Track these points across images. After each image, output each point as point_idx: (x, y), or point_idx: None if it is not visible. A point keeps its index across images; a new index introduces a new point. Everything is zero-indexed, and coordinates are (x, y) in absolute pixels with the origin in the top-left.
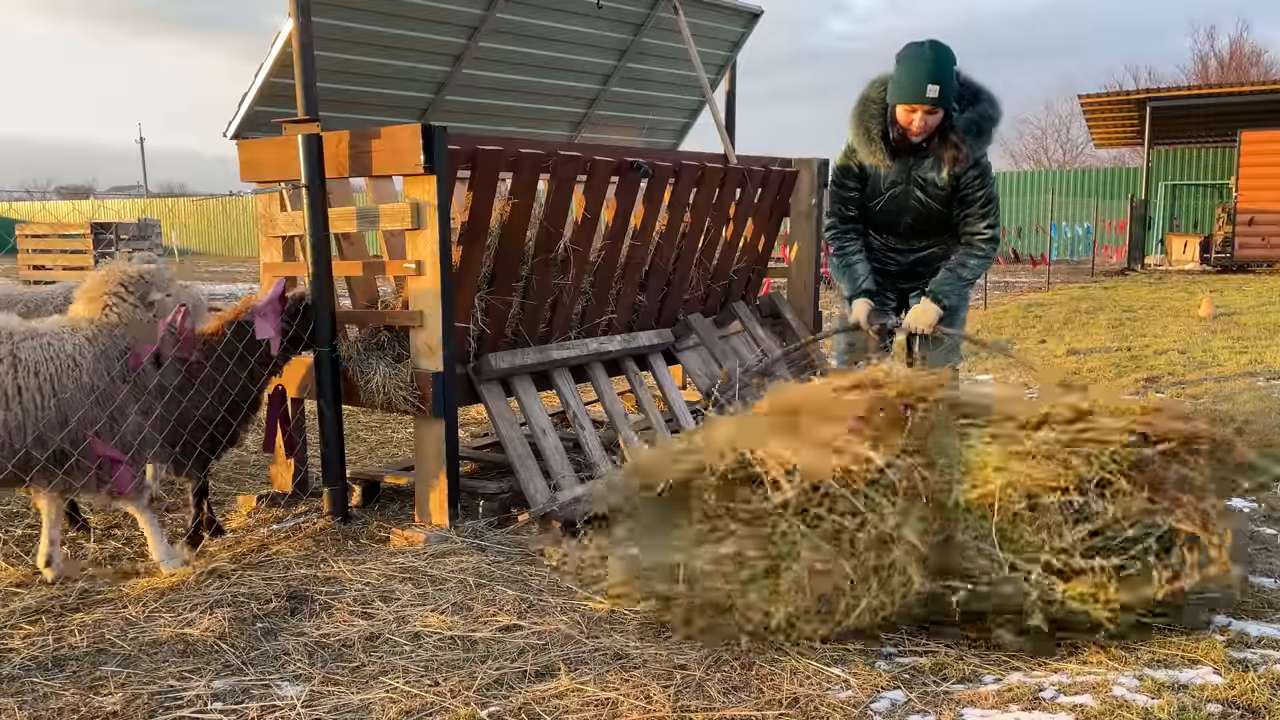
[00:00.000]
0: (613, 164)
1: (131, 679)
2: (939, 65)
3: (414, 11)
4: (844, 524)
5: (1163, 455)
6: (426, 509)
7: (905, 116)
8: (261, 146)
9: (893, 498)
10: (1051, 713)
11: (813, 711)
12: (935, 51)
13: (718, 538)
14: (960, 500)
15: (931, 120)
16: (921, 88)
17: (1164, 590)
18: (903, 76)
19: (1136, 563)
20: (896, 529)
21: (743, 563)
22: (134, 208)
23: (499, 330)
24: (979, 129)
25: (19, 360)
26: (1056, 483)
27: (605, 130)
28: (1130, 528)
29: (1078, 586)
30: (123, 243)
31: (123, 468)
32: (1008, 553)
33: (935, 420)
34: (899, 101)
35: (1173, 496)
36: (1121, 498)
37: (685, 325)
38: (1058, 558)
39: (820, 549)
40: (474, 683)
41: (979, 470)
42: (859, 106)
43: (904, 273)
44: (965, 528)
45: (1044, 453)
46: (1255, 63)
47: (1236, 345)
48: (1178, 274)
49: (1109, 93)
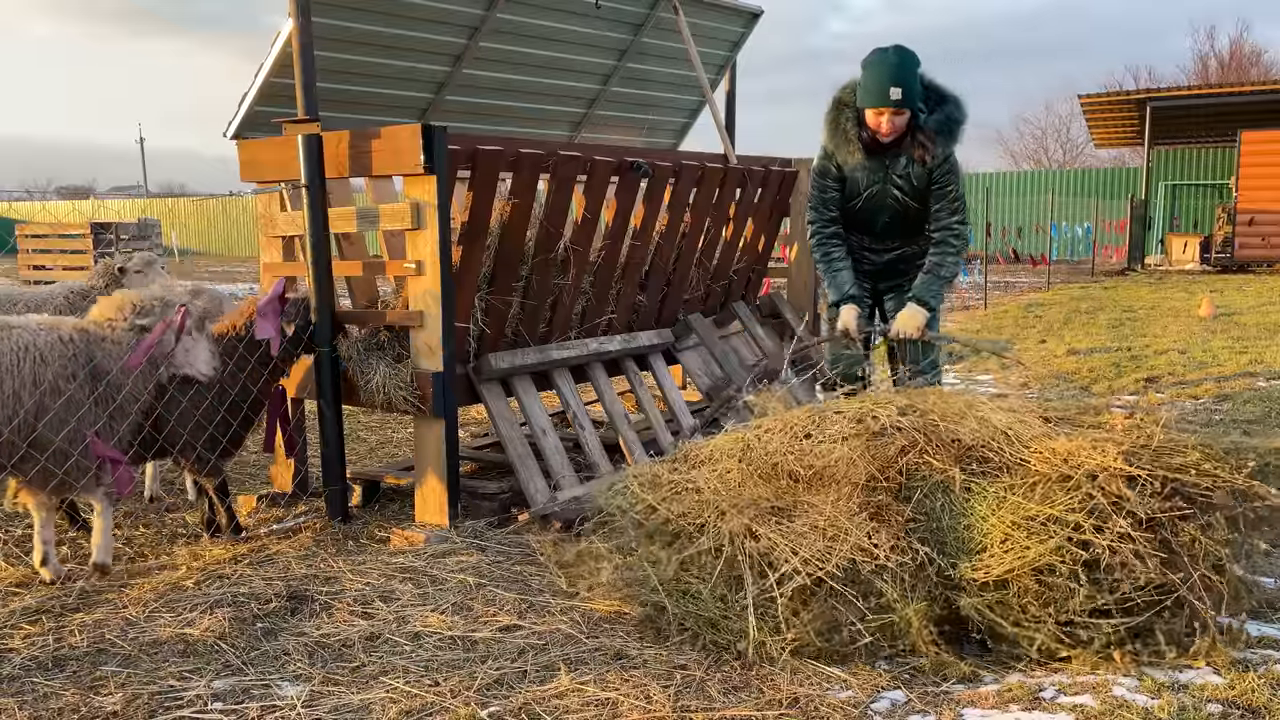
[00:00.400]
0: (613, 164)
1: (131, 679)
2: (902, 69)
3: (414, 11)
4: (843, 612)
5: (1178, 519)
6: (426, 509)
7: (874, 119)
8: (261, 146)
9: (896, 585)
10: (1051, 713)
11: (813, 711)
12: (898, 56)
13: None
14: (966, 577)
15: (899, 121)
16: (885, 90)
17: (1172, 665)
18: (868, 81)
19: (1144, 624)
20: (900, 606)
21: (739, 585)
22: (134, 208)
23: (499, 330)
24: (947, 129)
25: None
26: (1065, 558)
27: (605, 130)
28: (1139, 596)
29: (1084, 654)
30: (123, 243)
31: (122, 468)
32: (1011, 626)
33: (937, 482)
34: (866, 105)
35: (1185, 566)
36: (1131, 569)
37: (685, 325)
38: (1063, 630)
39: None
40: (474, 683)
41: (985, 544)
42: (832, 111)
43: (879, 271)
44: (969, 598)
45: (1054, 518)
46: (1255, 63)
47: (1236, 345)
48: (1178, 274)
49: (1109, 93)
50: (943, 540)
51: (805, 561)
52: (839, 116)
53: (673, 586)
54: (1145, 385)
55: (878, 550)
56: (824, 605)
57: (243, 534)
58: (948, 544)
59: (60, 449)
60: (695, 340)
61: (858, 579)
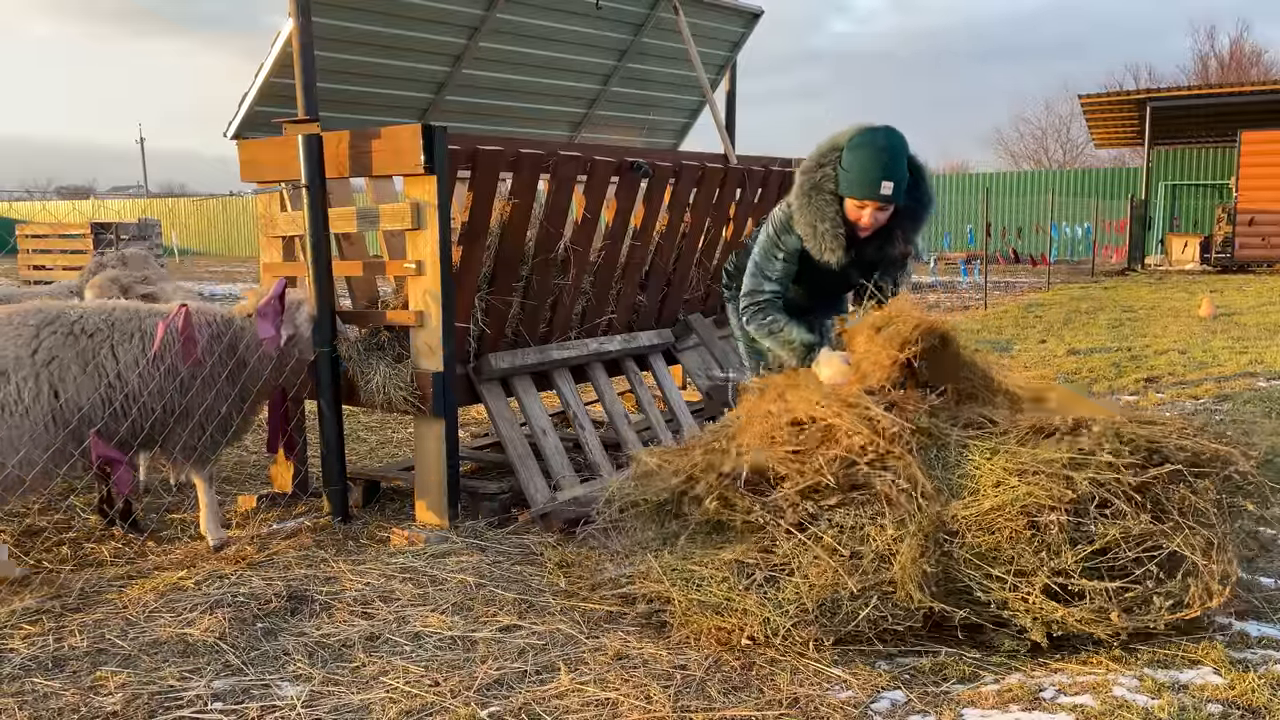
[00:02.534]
0: (613, 164)
1: (131, 679)
2: (893, 157)
3: (414, 11)
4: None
5: (1168, 477)
6: (426, 509)
7: (855, 212)
8: (261, 146)
9: (890, 506)
10: (1051, 713)
11: (813, 711)
12: (889, 140)
13: (718, 544)
14: (959, 515)
15: (882, 217)
16: (877, 183)
17: (1165, 620)
18: (855, 168)
19: (1138, 586)
20: (894, 544)
21: (743, 570)
22: (134, 208)
23: (499, 330)
24: (922, 221)
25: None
26: (1058, 502)
27: (605, 130)
28: (1131, 550)
29: (1079, 612)
30: (123, 243)
31: (122, 468)
32: (1005, 572)
33: (936, 431)
34: (849, 195)
35: (1175, 520)
36: (1123, 520)
37: (685, 325)
38: (1055, 580)
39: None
40: (474, 683)
41: (978, 487)
42: (808, 196)
43: (803, 310)
44: (963, 544)
45: (1046, 470)
46: (1255, 63)
47: (1236, 345)
48: (1178, 274)
49: (1109, 93)
50: (939, 486)
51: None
52: (823, 206)
53: (676, 576)
54: (1145, 385)
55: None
56: (824, 570)
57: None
58: (944, 489)
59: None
60: (695, 340)
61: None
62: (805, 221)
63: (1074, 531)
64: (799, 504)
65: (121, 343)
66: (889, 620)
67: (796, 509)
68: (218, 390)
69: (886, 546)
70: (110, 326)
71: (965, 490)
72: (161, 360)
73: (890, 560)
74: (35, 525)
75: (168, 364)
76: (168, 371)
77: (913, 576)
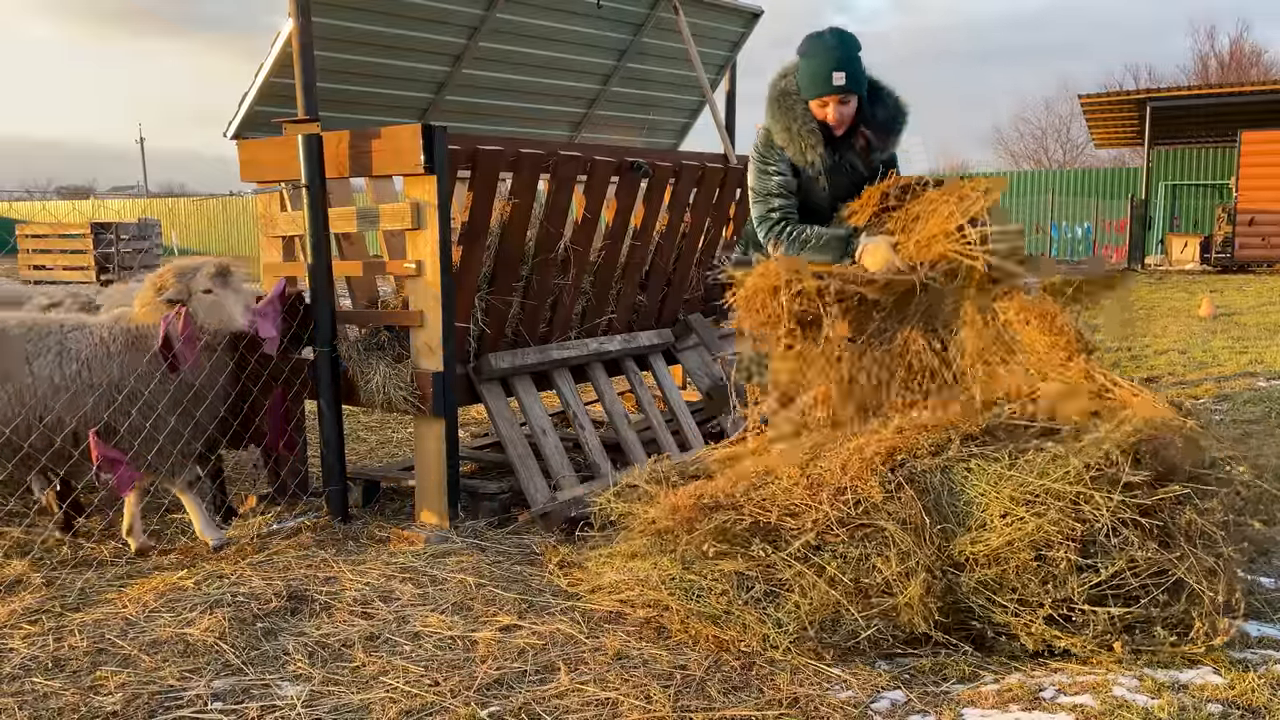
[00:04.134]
0: (613, 164)
1: (131, 679)
2: (843, 50)
3: (414, 11)
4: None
5: (1174, 501)
6: (426, 509)
7: (819, 111)
8: (261, 146)
9: (899, 539)
10: (1051, 713)
11: (813, 711)
12: (837, 38)
13: (719, 554)
14: (967, 550)
15: (845, 110)
16: (828, 76)
17: (1169, 654)
18: (808, 70)
19: (1142, 611)
20: (900, 576)
21: (743, 582)
22: (134, 208)
23: (499, 330)
24: (895, 127)
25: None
26: (1066, 537)
27: (605, 130)
28: (1136, 578)
29: (1081, 640)
30: (123, 243)
31: (122, 468)
32: (1009, 600)
33: (940, 464)
34: (809, 96)
35: (1182, 549)
36: (1130, 549)
37: (685, 325)
38: (1059, 609)
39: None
40: (474, 683)
41: (985, 519)
42: (780, 101)
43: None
44: (970, 574)
45: (1055, 500)
46: (1255, 63)
47: (1236, 345)
48: (1178, 274)
49: (1109, 93)
50: (944, 518)
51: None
52: (791, 106)
53: (675, 585)
54: (1145, 385)
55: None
56: (825, 596)
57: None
58: (949, 522)
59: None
60: (695, 340)
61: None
62: (780, 128)
63: (1080, 558)
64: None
65: (38, 356)
66: (890, 642)
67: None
68: (144, 403)
69: (893, 579)
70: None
71: (971, 519)
72: (161, 360)
73: (895, 592)
74: (36, 524)
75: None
76: (90, 387)
77: (919, 611)
